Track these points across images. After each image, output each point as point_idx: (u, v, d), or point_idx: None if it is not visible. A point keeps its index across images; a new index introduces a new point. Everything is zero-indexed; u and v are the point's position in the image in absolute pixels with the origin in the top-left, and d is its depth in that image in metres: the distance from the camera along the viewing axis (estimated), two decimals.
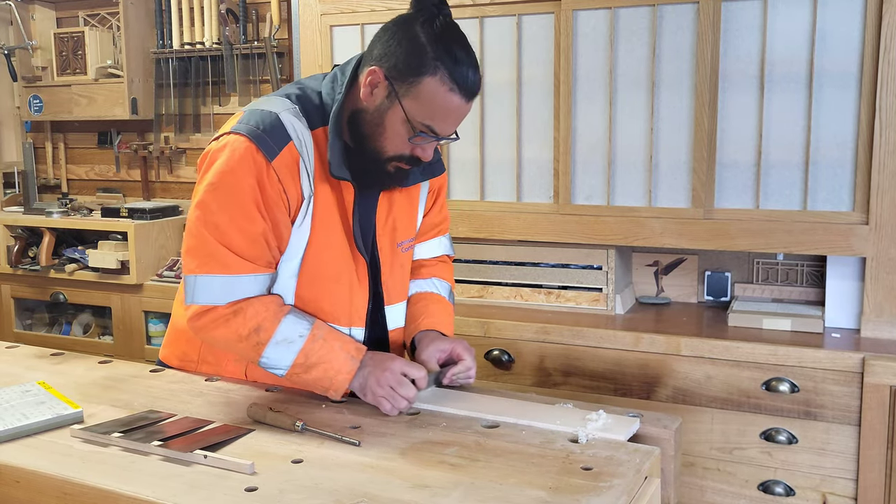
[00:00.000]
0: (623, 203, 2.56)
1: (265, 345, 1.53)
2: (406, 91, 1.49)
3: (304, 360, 1.54)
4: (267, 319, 1.54)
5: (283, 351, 1.54)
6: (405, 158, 1.57)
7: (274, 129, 1.53)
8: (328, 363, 1.54)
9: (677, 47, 2.44)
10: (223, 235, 1.52)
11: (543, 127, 2.64)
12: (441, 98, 1.49)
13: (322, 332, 1.56)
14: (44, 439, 1.42)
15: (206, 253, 1.53)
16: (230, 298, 1.54)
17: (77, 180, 4.08)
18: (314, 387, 1.57)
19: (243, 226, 1.52)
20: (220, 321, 1.54)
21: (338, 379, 1.54)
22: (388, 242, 1.71)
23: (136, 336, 3.43)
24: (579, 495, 1.19)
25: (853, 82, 2.28)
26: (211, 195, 1.53)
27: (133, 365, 1.86)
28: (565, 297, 2.68)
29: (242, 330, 1.53)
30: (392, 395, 1.53)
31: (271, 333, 1.53)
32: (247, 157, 1.51)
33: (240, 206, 1.52)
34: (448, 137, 1.57)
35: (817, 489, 2.23)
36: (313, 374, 1.55)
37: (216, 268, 1.53)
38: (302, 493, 1.21)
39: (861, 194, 2.29)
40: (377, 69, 1.51)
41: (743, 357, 2.26)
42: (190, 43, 3.56)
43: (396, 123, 1.52)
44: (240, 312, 1.53)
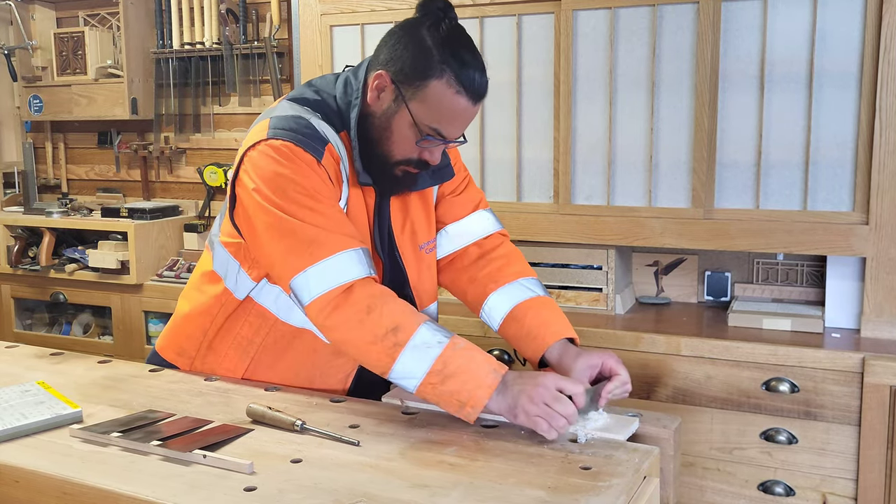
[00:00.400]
0: (623, 203, 2.56)
1: (402, 347, 1.41)
2: (413, 94, 1.49)
3: (443, 368, 1.40)
4: (406, 320, 1.43)
5: (420, 356, 1.41)
6: (413, 162, 1.56)
7: (312, 131, 1.51)
8: (468, 374, 1.40)
9: (677, 47, 2.44)
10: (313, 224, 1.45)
11: (543, 127, 2.64)
12: (448, 101, 1.48)
13: (463, 342, 1.44)
14: (43, 439, 1.42)
15: (308, 242, 1.44)
16: (352, 273, 1.44)
17: (77, 180, 4.08)
18: (449, 402, 1.42)
19: (324, 210, 1.47)
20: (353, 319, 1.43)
21: (477, 393, 1.40)
22: (409, 247, 1.69)
23: (136, 336, 3.43)
24: (578, 495, 1.19)
25: (853, 82, 2.28)
26: (279, 197, 1.46)
27: (133, 365, 1.86)
28: (565, 297, 2.68)
29: (378, 330, 1.42)
30: (549, 413, 1.38)
31: (410, 335, 1.41)
32: (294, 158, 1.48)
33: (311, 196, 1.47)
34: (455, 141, 1.56)
35: (817, 489, 2.23)
36: (450, 385, 1.40)
37: (323, 251, 1.43)
38: (301, 493, 1.21)
39: (861, 194, 2.29)
40: (384, 73, 1.51)
41: (743, 357, 2.26)
42: (190, 43, 3.57)
43: (404, 127, 1.52)
44: (375, 310, 1.43)
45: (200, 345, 1.74)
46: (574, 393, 1.42)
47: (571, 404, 1.39)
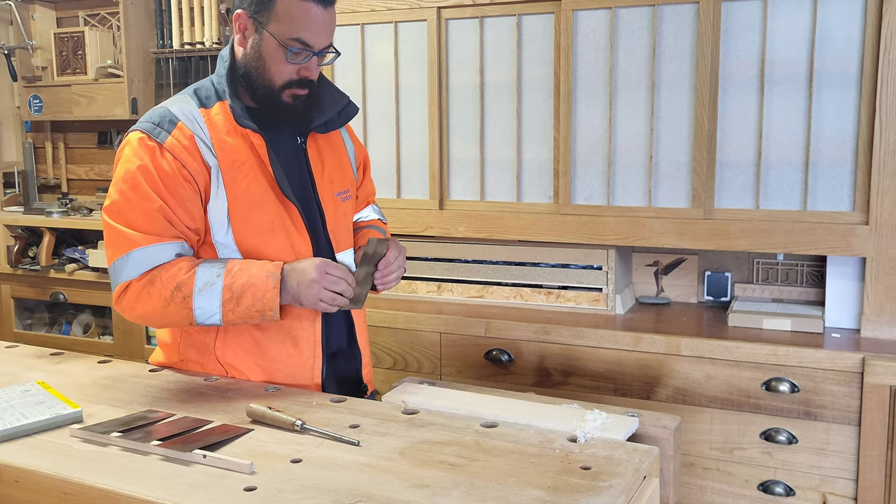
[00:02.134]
0: (623, 203, 2.56)
1: (191, 297, 1.60)
2: (268, 18, 1.63)
3: (231, 294, 1.60)
4: (182, 274, 1.61)
5: (208, 295, 1.60)
6: (295, 83, 1.68)
7: (162, 117, 1.67)
8: (253, 287, 1.61)
9: (677, 47, 2.44)
10: (125, 218, 1.63)
11: (543, 127, 2.64)
12: (297, 10, 1.62)
13: (237, 265, 1.63)
14: (43, 439, 1.42)
15: (115, 236, 1.64)
16: (143, 269, 1.62)
17: (77, 180, 4.08)
18: (251, 316, 1.62)
19: (140, 205, 1.62)
20: (141, 294, 1.62)
21: (267, 297, 1.60)
22: (328, 193, 1.81)
23: (136, 336, 3.43)
24: (578, 495, 1.19)
25: (853, 82, 2.28)
26: (113, 188, 1.66)
27: (132, 365, 1.86)
28: (565, 297, 2.68)
29: (164, 293, 1.60)
30: (327, 295, 1.62)
31: (191, 285, 1.60)
32: (139, 147, 1.64)
33: (135, 189, 1.63)
34: (325, 51, 1.67)
35: (817, 489, 2.23)
36: (244, 303, 1.61)
37: (125, 246, 1.62)
38: (301, 493, 1.21)
39: (861, 194, 2.29)
40: (240, 12, 1.66)
41: (743, 357, 2.26)
42: (190, 43, 3.56)
43: (272, 50, 1.64)
44: (155, 279, 1.61)
45: (179, 350, 1.81)
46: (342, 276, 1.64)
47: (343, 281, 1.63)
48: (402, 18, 2.77)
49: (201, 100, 1.72)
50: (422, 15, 2.73)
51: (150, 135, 1.65)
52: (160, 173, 1.63)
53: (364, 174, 2.03)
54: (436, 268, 2.83)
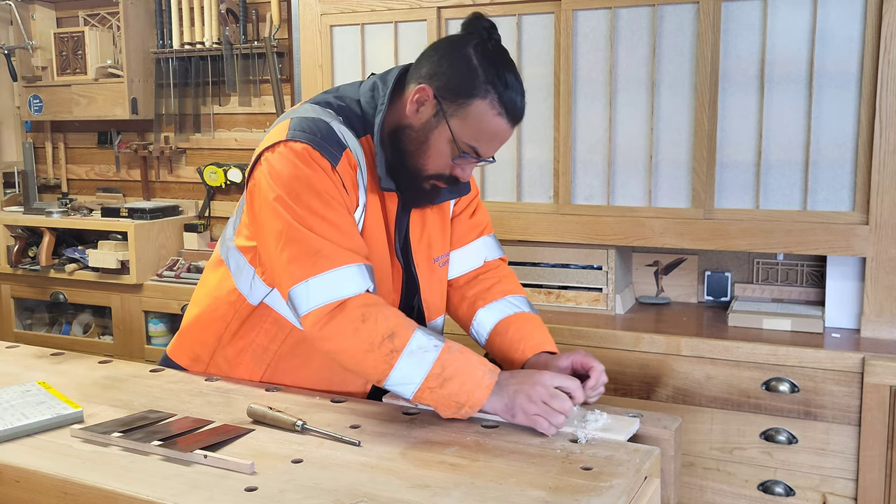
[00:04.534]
0: (623, 203, 2.56)
1: (399, 353, 1.41)
2: (454, 112, 1.49)
3: (441, 371, 1.41)
4: (400, 326, 1.43)
5: (417, 361, 1.41)
6: (444, 178, 1.57)
7: (330, 136, 1.51)
8: (466, 375, 1.42)
9: (677, 47, 2.44)
10: (322, 234, 1.46)
11: (543, 127, 2.64)
12: (489, 121, 1.49)
13: (457, 346, 1.45)
14: (44, 439, 1.42)
15: (313, 252, 1.44)
16: (353, 288, 1.44)
17: (77, 180, 4.08)
18: (448, 404, 1.43)
19: (335, 220, 1.47)
20: (348, 329, 1.43)
21: (476, 394, 1.42)
22: (424, 258, 1.69)
23: (136, 336, 3.43)
24: (579, 495, 1.19)
25: (853, 82, 2.28)
26: (292, 201, 1.46)
27: (133, 365, 1.86)
28: (565, 297, 2.68)
29: (375, 337, 1.42)
30: (547, 410, 1.40)
31: (406, 340, 1.42)
32: (312, 162, 1.48)
33: (325, 205, 1.47)
34: (488, 160, 1.57)
35: (817, 489, 2.23)
36: (449, 388, 1.41)
37: (327, 263, 1.44)
38: (302, 493, 1.21)
39: (861, 194, 2.29)
40: (426, 87, 1.51)
41: (743, 357, 2.26)
42: (190, 43, 3.57)
43: (441, 143, 1.52)
44: (370, 318, 1.43)
45: (215, 351, 1.72)
46: (571, 388, 1.44)
47: (568, 401, 1.42)
48: (402, 18, 2.77)
49: (353, 126, 1.56)
50: (422, 15, 2.73)
51: (321, 152, 1.48)
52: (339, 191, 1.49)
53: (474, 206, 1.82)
54: None
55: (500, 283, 1.79)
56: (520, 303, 1.77)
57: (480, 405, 1.43)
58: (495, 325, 1.74)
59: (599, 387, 1.56)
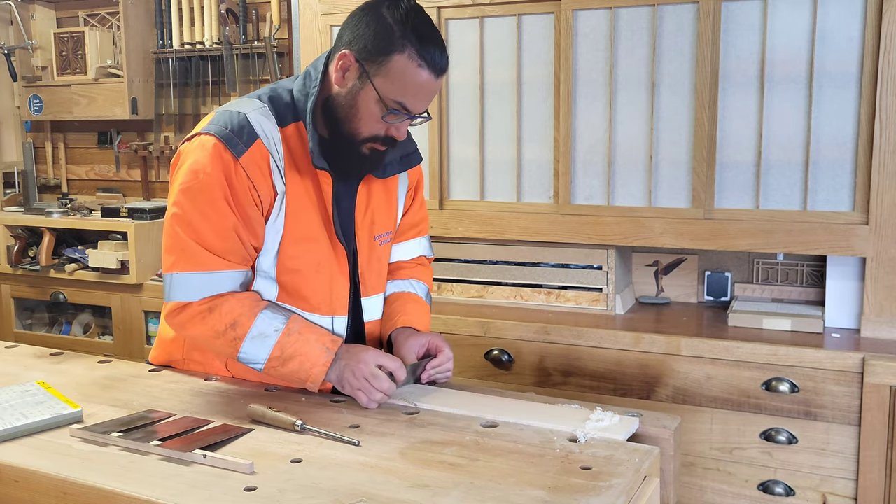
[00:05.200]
0: (623, 203, 2.56)
1: (242, 340, 1.57)
2: (377, 70, 1.54)
3: (280, 354, 1.57)
4: (243, 315, 1.57)
5: (259, 345, 1.57)
6: (380, 139, 1.61)
7: (242, 128, 1.58)
8: (304, 356, 1.57)
9: (677, 47, 2.44)
10: (196, 232, 1.57)
11: (543, 127, 2.64)
12: (410, 74, 1.53)
13: (297, 326, 1.59)
14: (43, 439, 1.42)
15: (181, 249, 1.57)
16: (204, 294, 1.58)
17: (77, 180, 4.08)
18: (292, 379, 1.61)
19: (214, 221, 1.56)
20: (196, 318, 1.58)
21: (314, 371, 1.57)
22: (366, 234, 1.75)
23: (136, 336, 3.43)
24: (578, 495, 1.19)
25: (853, 82, 2.28)
26: (183, 194, 1.57)
27: (133, 365, 1.86)
28: (565, 297, 2.68)
29: (219, 326, 1.57)
30: (367, 387, 1.56)
31: (247, 329, 1.57)
32: (215, 156, 1.56)
33: (210, 202, 1.56)
34: (420, 116, 1.61)
35: (817, 489, 2.23)
36: (290, 366, 1.58)
37: (191, 265, 1.57)
38: (301, 493, 1.21)
39: (861, 194, 2.29)
40: (348, 53, 1.56)
41: (743, 357, 2.26)
42: (190, 43, 3.57)
43: (370, 103, 1.56)
44: (215, 309, 1.57)
45: (183, 348, 1.79)
46: (392, 368, 1.59)
47: (388, 380, 1.56)
48: None
49: (279, 114, 1.63)
50: None
51: (226, 144, 1.56)
52: (233, 189, 1.56)
53: (413, 199, 1.90)
54: (436, 268, 2.83)
55: (413, 270, 1.92)
56: (417, 287, 1.89)
57: (320, 379, 1.58)
58: (387, 296, 1.86)
59: (445, 371, 1.71)
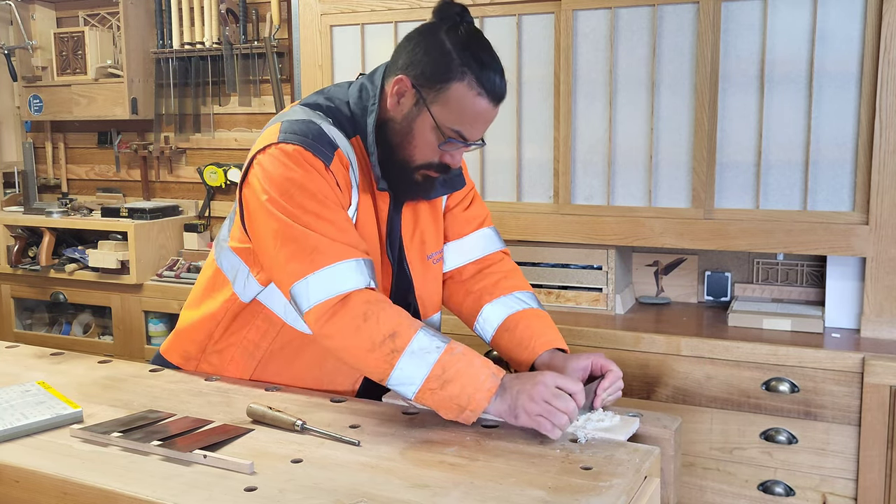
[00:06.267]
0: (623, 203, 2.56)
1: (400, 353, 1.41)
2: (434, 98, 1.50)
3: (441, 373, 1.40)
4: (402, 326, 1.43)
5: (418, 362, 1.40)
6: (434, 166, 1.57)
7: (321, 136, 1.52)
8: (467, 378, 1.40)
9: (677, 47, 2.44)
10: (316, 231, 1.46)
11: (543, 127, 2.64)
12: (469, 103, 1.49)
13: (460, 347, 1.44)
14: (43, 439, 1.42)
15: (310, 250, 1.45)
16: (351, 283, 1.44)
17: (77, 180, 4.08)
18: (449, 406, 1.42)
19: (330, 217, 1.47)
20: (349, 327, 1.42)
21: (477, 397, 1.40)
22: (417, 255, 1.69)
23: (136, 336, 3.43)
24: (579, 495, 1.19)
25: (853, 82, 2.28)
26: (286, 202, 1.47)
27: (133, 365, 1.86)
28: (565, 297, 2.68)
29: (376, 336, 1.41)
30: (550, 410, 1.38)
31: (408, 341, 1.41)
32: (304, 162, 1.49)
33: (319, 203, 1.47)
34: (475, 143, 1.56)
35: (817, 489, 2.23)
36: (450, 390, 1.40)
37: (324, 259, 1.44)
38: (302, 493, 1.21)
39: (861, 194, 2.29)
40: (404, 78, 1.52)
41: (743, 357, 2.26)
42: (190, 43, 3.57)
43: (425, 131, 1.52)
44: (371, 317, 1.42)
45: (206, 348, 1.73)
46: (574, 391, 1.42)
47: (572, 401, 1.39)
48: (402, 18, 2.77)
49: (342, 128, 1.57)
50: (422, 15, 2.73)
51: (313, 152, 1.49)
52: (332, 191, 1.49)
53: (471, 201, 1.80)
54: None
55: (506, 278, 1.77)
56: (528, 299, 1.74)
57: (482, 408, 1.41)
58: (503, 321, 1.71)
59: (615, 391, 1.55)
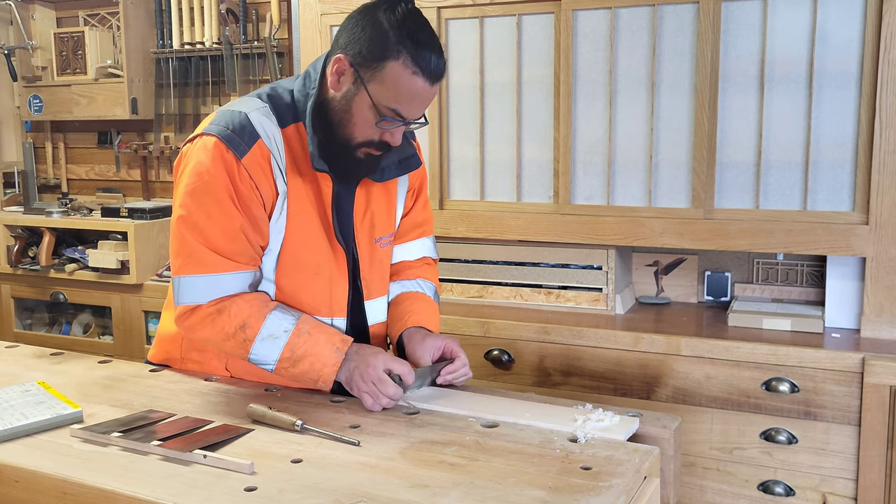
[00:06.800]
0: (623, 203, 2.56)
1: (252, 341, 1.56)
2: (371, 76, 1.52)
3: (291, 355, 1.57)
4: (252, 316, 1.56)
5: (269, 346, 1.57)
6: (374, 144, 1.60)
7: (243, 128, 1.57)
8: (314, 356, 1.56)
9: (677, 47, 2.44)
10: (202, 234, 1.56)
11: (543, 127, 2.64)
12: (405, 81, 1.51)
13: (307, 327, 1.58)
14: (43, 439, 1.42)
15: (188, 253, 1.57)
16: (212, 297, 1.57)
17: (77, 180, 4.08)
18: (303, 380, 1.60)
19: (221, 222, 1.56)
20: (206, 320, 1.58)
21: (324, 371, 1.57)
22: (366, 237, 1.74)
23: (136, 336, 3.43)
24: (578, 495, 1.19)
25: (853, 82, 2.28)
26: (188, 196, 1.57)
27: (133, 365, 1.86)
28: (565, 297, 2.68)
29: (228, 328, 1.56)
30: (374, 391, 1.55)
31: (257, 330, 1.56)
32: (217, 156, 1.55)
33: (216, 203, 1.55)
34: (416, 122, 1.59)
35: (817, 489, 2.23)
36: (300, 367, 1.57)
37: (198, 267, 1.56)
38: (301, 493, 1.21)
39: (861, 194, 2.29)
40: (342, 57, 1.55)
41: (743, 357, 2.26)
42: (190, 43, 3.57)
43: (364, 109, 1.55)
44: (224, 311, 1.56)
45: (181, 346, 1.78)
46: (402, 373, 1.58)
47: (395, 385, 1.55)
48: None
49: (280, 115, 1.62)
50: None
51: (228, 145, 1.55)
52: (237, 190, 1.56)
53: (415, 200, 1.87)
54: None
55: (420, 269, 1.90)
56: (425, 286, 1.87)
57: (331, 379, 1.57)
58: (394, 297, 1.85)
59: (461, 376, 1.69)
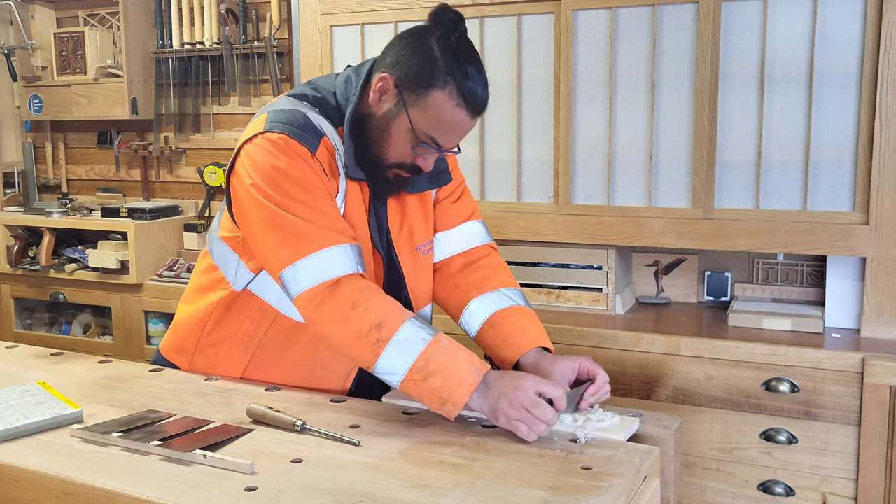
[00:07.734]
0: (623, 203, 2.56)
1: (386, 343, 1.43)
2: (414, 101, 1.50)
3: (424, 365, 1.41)
4: (390, 316, 1.45)
5: (403, 352, 1.42)
6: (406, 167, 1.58)
7: (307, 125, 1.53)
8: (450, 371, 1.41)
9: (677, 47, 2.44)
10: (304, 218, 1.48)
11: (543, 127, 2.64)
12: (447, 112, 1.50)
13: (445, 340, 1.45)
14: (43, 439, 1.42)
15: (296, 237, 1.47)
16: (340, 269, 1.46)
17: (77, 180, 4.08)
18: (431, 398, 1.43)
19: (316, 204, 1.49)
20: (336, 315, 1.45)
21: (457, 392, 1.41)
22: (406, 247, 1.70)
23: (136, 336, 3.43)
24: (579, 495, 1.19)
25: (853, 82, 2.28)
26: (274, 191, 1.49)
27: (133, 365, 1.86)
28: (565, 297, 2.68)
29: (363, 325, 1.43)
30: (528, 417, 1.39)
31: (394, 331, 1.43)
32: (291, 151, 1.50)
33: (304, 191, 1.49)
34: (450, 150, 1.57)
35: (817, 489, 2.23)
36: (431, 382, 1.41)
37: (313, 245, 1.46)
38: (302, 493, 1.21)
39: (861, 194, 2.29)
40: (388, 76, 1.53)
41: (743, 357, 2.26)
42: (190, 43, 3.56)
43: (402, 131, 1.53)
44: (359, 305, 1.44)
45: (199, 341, 1.74)
46: (554, 396, 1.42)
47: (551, 409, 1.40)
48: (402, 18, 2.77)
49: (328, 117, 1.58)
50: (421, 15, 2.72)
51: (299, 140, 1.50)
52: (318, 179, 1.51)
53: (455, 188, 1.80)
54: None
55: (495, 273, 1.78)
56: (515, 296, 1.75)
57: (463, 403, 1.42)
58: (488, 317, 1.72)
59: (602, 396, 1.54)
